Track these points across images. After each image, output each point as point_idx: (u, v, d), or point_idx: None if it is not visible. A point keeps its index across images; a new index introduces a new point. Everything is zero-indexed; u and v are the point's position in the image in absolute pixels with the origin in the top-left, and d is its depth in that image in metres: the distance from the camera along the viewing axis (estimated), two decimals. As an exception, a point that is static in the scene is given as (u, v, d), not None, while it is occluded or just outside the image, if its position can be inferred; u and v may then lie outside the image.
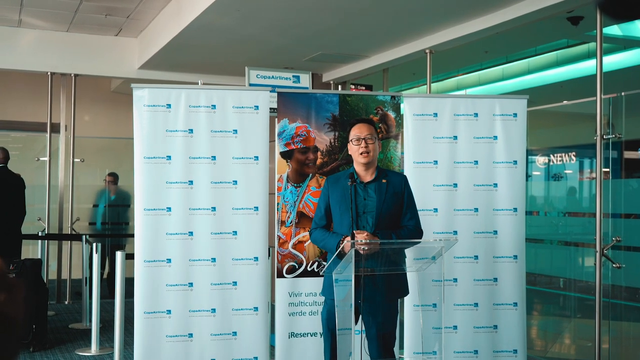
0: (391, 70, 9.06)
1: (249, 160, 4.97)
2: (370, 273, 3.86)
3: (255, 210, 4.97)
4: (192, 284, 4.87)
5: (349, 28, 7.29)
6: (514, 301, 5.12)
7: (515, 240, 5.15)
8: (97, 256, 6.87)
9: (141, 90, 4.89)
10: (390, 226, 4.06)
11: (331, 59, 8.87)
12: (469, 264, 5.11)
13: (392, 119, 5.24)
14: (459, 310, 5.08)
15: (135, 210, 4.86)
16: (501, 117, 5.20)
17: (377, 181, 4.11)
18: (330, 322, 4.08)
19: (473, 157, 5.17)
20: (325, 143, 5.13)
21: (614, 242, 5.76)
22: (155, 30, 8.59)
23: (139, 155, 4.85)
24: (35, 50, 9.11)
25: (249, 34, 7.54)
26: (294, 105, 5.10)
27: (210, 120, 4.93)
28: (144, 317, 4.81)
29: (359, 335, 3.92)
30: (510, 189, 5.15)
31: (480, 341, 5.09)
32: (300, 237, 5.03)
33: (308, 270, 5.06)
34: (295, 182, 5.07)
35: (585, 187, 7.02)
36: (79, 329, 7.89)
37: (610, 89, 5.85)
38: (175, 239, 4.86)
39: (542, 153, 7.29)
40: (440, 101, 5.26)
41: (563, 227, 7.30)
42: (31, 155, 10.39)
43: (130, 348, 5.61)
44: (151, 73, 9.47)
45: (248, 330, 4.94)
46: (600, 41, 5.74)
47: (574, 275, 7.14)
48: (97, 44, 9.32)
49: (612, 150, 5.92)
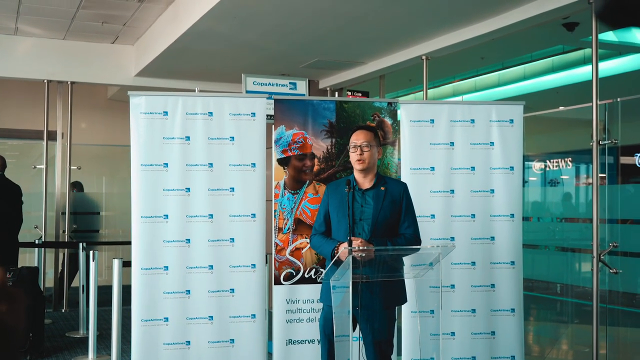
0: (388, 77, 9.08)
1: (246, 167, 4.97)
2: (367, 280, 3.86)
3: (253, 217, 4.96)
4: (190, 292, 4.86)
5: (346, 35, 7.30)
6: (511, 307, 5.12)
7: (512, 246, 5.15)
8: (94, 264, 6.86)
9: (138, 98, 4.89)
10: (387, 234, 4.07)
11: (328, 66, 8.89)
12: (467, 270, 5.11)
13: (388, 125, 5.25)
14: (456, 317, 5.08)
15: (132, 217, 4.84)
16: (498, 123, 5.21)
17: (375, 188, 4.12)
18: (328, 328, 4.08)
19: (470, 163, 5.18)
20: (322, 150, 5.13)
21: (610, 248, 5.77)
22: (151, 37, 8.59)
23: (135, 162, 4.85)
24: (31, 57, 9.11)
25: (246, 40, 7.55)
26: (290, 112, 5.11)
27: (207, 127, 4.93)
28: (141, 325, 4.80)
29: (356, 342, 3.92)
30: (507, 195, 5.16)
31: (478, 347, 5.09)
32: (298, 244, 5.03)
33: (305, 277, 5.05)
34: (293, 189, 5.07)
35: (581, 193, 7.03)
36: (76, 337, 7.87)
37: (606, 94, 5.87)
38: (172, 246, 4.85)
39: (538, 159, 7.30)
40: (437, 107, 5.27)
41: (560, 232, 7.31)
42: (28, 162, 10.37)
43: (127, 356, 5.59)
44: (148, 80, 9.48)
45: (245, 337, 4.93)
46: (595, 47, 5.75)
47: (571, 281, 7.15)
48: (93, 52, 9.32)
49: (609, 156, 5.93)
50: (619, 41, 8.51)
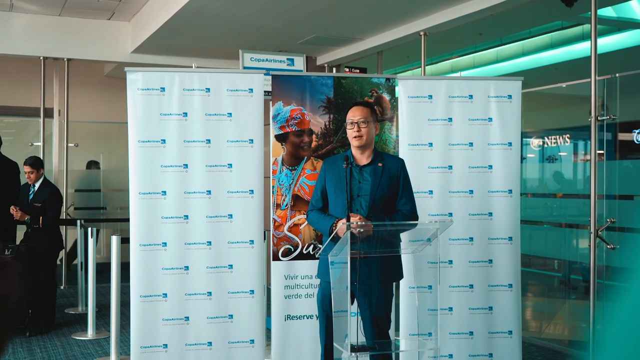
0: (386, 53, 9.04)
1: (244, 143, 4.96)
2: (365, 255, 3.87)
3: (251, 194, 4.96)
4: (188, 268, 4.87)
5: (343, 11, 7.26)
6: (509, 282, 5.14)
7: (510, 222, 5.16)
8: (93, 241, 6.87)
9: (135, 74, 4.87)
10: (385, 210, 4.07)
11: (325, 42, 8.84)
12: (464, 245, 5.12)
13: (386, 101, 5.23)
14: (454, 292, 5.10)
15: (130, 194, 4.84)
16: (496, 99, 5.19)
17: (372, 164, 4.12)
18: (325, 304, 4.10)
19: (468, 139, 5.17)
20: (320, 126, 5.12)
21: (608, 224, 5.78)
22: (148, 13, 8.54)
23: (133, 139, 4.83)
24: (27, 34, 9.05)
25: (243, 16, 7.50)
26: (288, 88, 5.08)
27: (204, 103, 4.91)
28: (140, 301, 4.81)
29: (354, 317, 3.93)
30: (505, 171, 5.16)
31: (476, 322, 5.11)
32: (296, 220, 5.03)
33: (304, 253, 5.06)
34: (290, 165, 5.06)
35: (579, 169, 7.03)
36: (75, 313, 7.91)
37: (605, 70, 5.85)
38: (171, 222, 4.85)
39: (536, 135, 7.30)
40: (435, 83, 5.25)
41: (558, 209, 7.32)
42: (25, 140, 10.35)
43: (126, 332, 5.62)
44: (144, 57, 9.43)
45: (244, 313, 4.95)
46: (594, 23, 5.73)
47: (568, 256, 7.17)
48: (89, 28, 9.26)
49: (607, 132, 5.93)
50: (618, 17, 8.47)
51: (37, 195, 7.11)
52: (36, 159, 7.25)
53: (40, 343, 6.55)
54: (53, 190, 7.24)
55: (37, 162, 7.23)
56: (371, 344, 3.98)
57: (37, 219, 6.94)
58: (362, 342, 3.93)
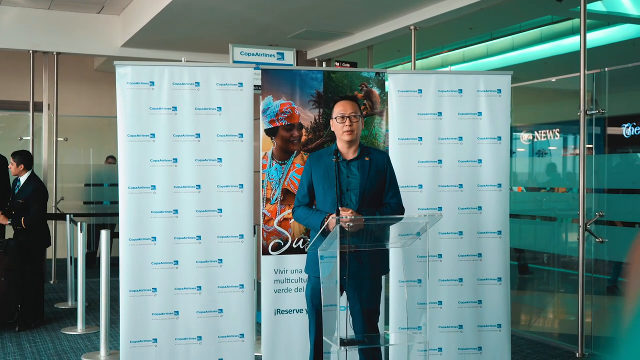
0: (376, 48, 9.04)
1: (234, 137, 4.95)
2: (355, 249, 3.87)
3: (240, 188, 4.96)
4: (178, 262, 4.86)
5: (334, 5, 7.25)
6: (498, 276, 5.16)
7: (499, 215, 5.17)
8: (82, 235, 6.85)
9: (124, 68, 4.85)
10: (373, 204, 4.07)
11: (316, 36, 8.83)
12: (454, 239, 5.13)
13: (376, 95, 5.23)
14: (443, 286, 5.11)
15: (119, 188, 4.83)
16: (485, 93, 5.20)
17: (360, 159, 4.11)
18: (315, 299, 4.09)
19: (457, 133, 5.17)
20: (310, 120, 5.12)
21: (597, 217, 5.81)
22: (138, 7, 8.51)
23: (122, 133, 4.82)
24: (16, 28, 9.01)
25: (233, 10, 7.48)
26: (278, 82, 5.08)
27: (194, 97, 4.90)
28: (130, 296, 4.80)
29: (344, 312, 3.94)
30: (494, 165, 5.17)
31: (465, 316, 5.13)
32: (286, 214, 5.04)
33: (293, 248, 5.07)
34: (280, 160, 5.06)
35: (569, 163, 7.06)
36: (65, 308, 7.89)
37: (594, 65, 5.87)
38: (160, 217, 4.84)
39: (526, 129, 7.32)
40: (425, 77, 5.25)
41: (547, 202, 7.35)
42: (14, 134, 10.30)
43: (116, 326, 5.61)
44: (134, 51, 9.40)
45: (234, 307, 4.95)
46: (584, 17, 5.75)
47: (557, 250, 7.21)
48: (79, 22, 9.22)
49: (596, 126, 5.95)
50: (608, 11, 8.49)
51: (21, 191, 6.98)
52: (20, 154, 7.08)
53: (30, 338, 6.54)
54: (36, 187, 7.01)
55: (20, 157, 7.03)
56: (361, 337, 3.99)
57: (19, 220, 6.82)
58: (351, 335, 3.94)
